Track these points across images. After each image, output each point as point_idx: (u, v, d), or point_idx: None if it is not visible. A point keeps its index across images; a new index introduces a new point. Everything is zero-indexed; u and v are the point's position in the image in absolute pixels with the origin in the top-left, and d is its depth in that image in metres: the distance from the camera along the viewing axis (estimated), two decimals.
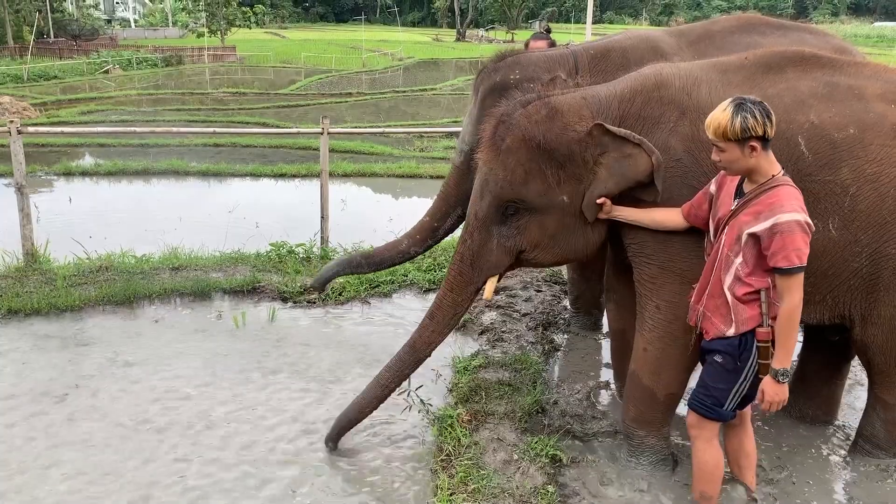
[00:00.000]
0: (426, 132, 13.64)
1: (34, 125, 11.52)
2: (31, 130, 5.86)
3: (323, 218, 5.80)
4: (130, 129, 7.71)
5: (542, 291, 5.05)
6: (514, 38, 51.61)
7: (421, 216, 3.83)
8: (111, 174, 9.21)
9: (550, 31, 4.51)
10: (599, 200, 2.68)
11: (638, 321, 2.90)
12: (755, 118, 2.22)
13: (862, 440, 3.13)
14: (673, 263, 2.72)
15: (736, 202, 2.40)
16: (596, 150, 2.66)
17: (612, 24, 69.13)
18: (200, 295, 4.81)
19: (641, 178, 2.63)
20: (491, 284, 2.93)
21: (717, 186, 2.52)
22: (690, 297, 2.63)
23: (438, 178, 9.29)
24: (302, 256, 5.56)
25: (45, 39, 38.00)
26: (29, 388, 3.62)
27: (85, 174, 9.31)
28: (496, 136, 2.73)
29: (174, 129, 9.71)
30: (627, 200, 2.71)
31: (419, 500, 2.87)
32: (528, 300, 4.89)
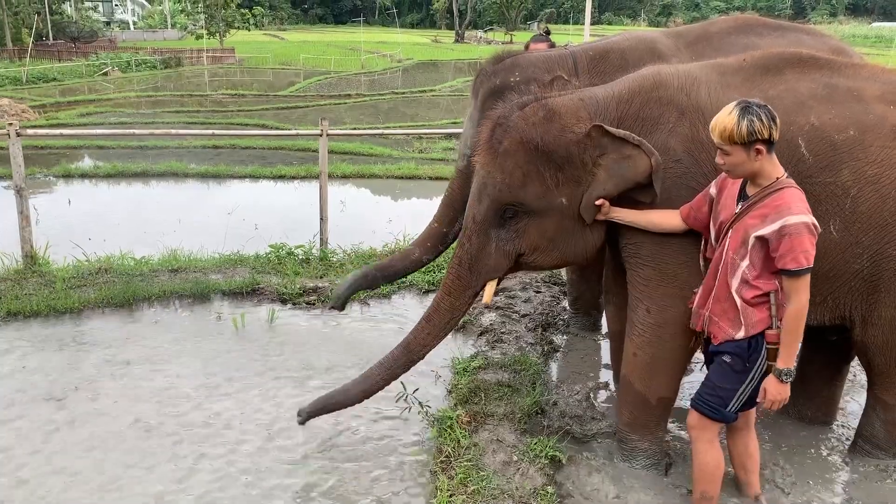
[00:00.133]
0: (425, 133, 13.67)
1: (33, 127, 11.50)
2: (30, 133, 5.86)
3: (322, 219, 5.80)
4: (129, 131, 7.73)
5: (541, 293, 5.06)
6: (512, 39, 51.63)
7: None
8: (110, 176, 9.21)
9: (549, 32, 4.51)
10: (598, 202, 2.67)
11: (628, 325, 2.90)
12: (761, 121, 2.22)
13: (861, 440, 3.14)
14: (668, 266, 2.71)
15: (740, 205, 2.40)
16: (594, 151, 2.65)
17: (610, 25, 69.19)
18: (200, 297, 4.81)
19: (640, 179, 2.62)
20: (490, 288, 2.92)
21: (717, 189, 2.52)
22: (693, 302, 2.63)
23: (437, 179, 9.33)
24: (301, 258, 5.56)
25: (43, 41, 38.01)
26: (28, 390, 3.62)
27: (84, 176, 9.30)
28: (493, 138, 2.72)
29: (173, 130, 9.72)
30: (625, 202, 2.70)
31: (419, 501, 2.87)
32: (527, 301, 4.89)
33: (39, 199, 7.79)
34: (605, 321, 4.16)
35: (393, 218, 6.92)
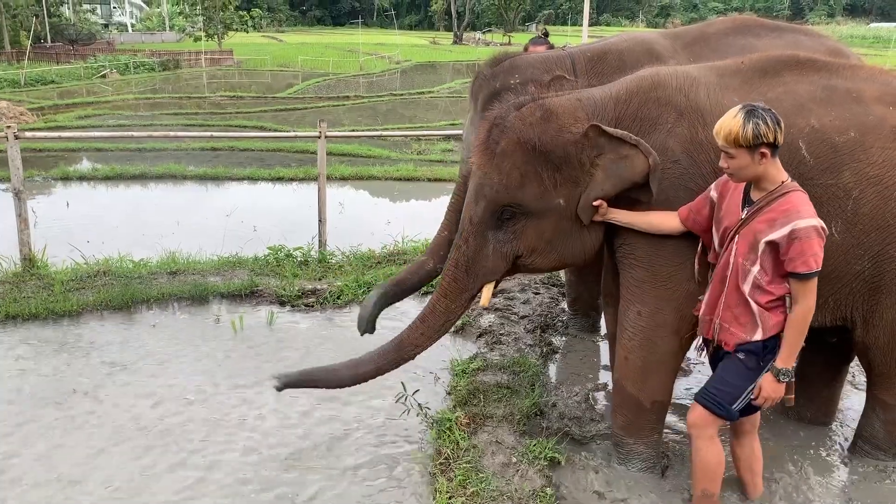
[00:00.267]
0: (424, 135, 13.67)
1: (31, 130, 11.52)
2: (28, 135, 5.87)
3: (321, 221, 5.80)
4: (128, 133, 7.74)
5: (539, 294, 5.06)
6: (510, 40, 51.68)
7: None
8: (108, 179, 9.21)
9: (548, 34, 4.50)
10: (596, 203, 2.66)
11: (619, 328, 2.88)
12: (767, 125, 2.22)
13: (861, 441, 3.14)
14: (662, 268, 2.70)
15: (745, 211, 2.39)
16: (592, 151, 2.63)
17: (608, 26, 69.36)
18: (198, 299, 4.80)
19: (638, 179, 2.61)
20: (488, 291, 2.88)
21: (718, 194, 2.50)
22: (699, 310, 2.62)
23: (436, 180, 9.34)
24: (300, 260, 5.56)
25: (42, 44, 38.03)
26: (27, 393, 3.61)
27: (82, 179, 9.29)
28: (490, 139, 2.70)
29: (171, 133, 9.72)
30: (623, 203, 2.69)
31: (418, 503, 2.86)
32: (525, 303, 4.89)
33: (38, 201, 7.78)
34: (603, 322, 4.16)
35: (391, 219, 6.91)
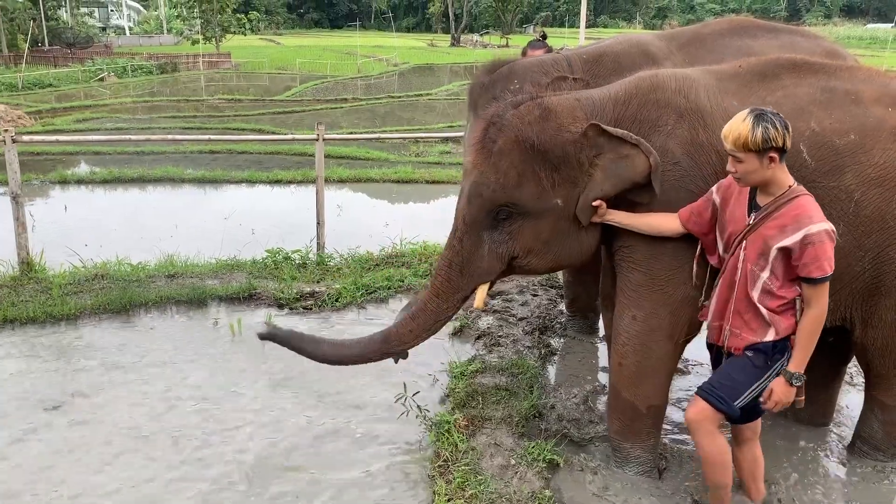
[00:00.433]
0: (422, 137, 13.69)
1: (29, 134, 11.51)
2: (25, 139, 5.86)
3: (319, 224, 5.80)
4: (126, 136, 7.74)
5: (538, 295, 5.06)
6: (508, 42, 51.76)
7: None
8: (106, 182, 9.19)
9: (546, 36, 4.51)
10: (595, 203, 2.64)
11: (613, 333, 2.87)
12: (776, 129, 2.21)
13: (860, 442, 3.14)
14: (659, 271, 2.68)
15: (752, 216, 2.38)
16: (591, 151, 2.61)
17: (605, 28, 69.42)
18: (196, 302, 4.79)
19: (639, 179, 2.59)
20: (482, 292, 2.82)
21: (721, 198, 2.49)
22: (704, 315, 2.61)
23: (434, 182, 9.34)
24: (298, 263, 5.55)
25: (39, 48, 38.01)
26: (25, 397, 3.61)
27: (80, 182, 9.28)
28: (487, 137, 2.66)
29: (170, 136, 9.71)
30: (622, 204, 2.68)
31: None
32: (524, 304, 4.89)
33: (35, 205, 7.78)
34: (601, 324, 4.17)
35: (390, 222, 6.91)
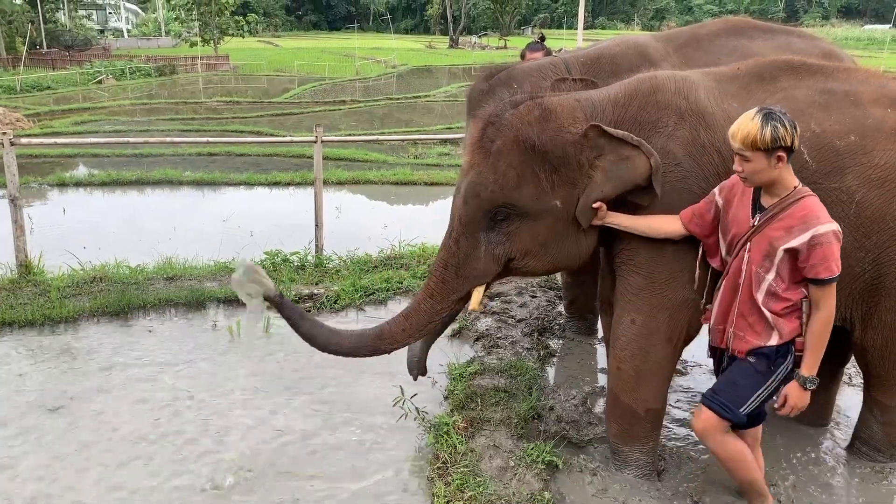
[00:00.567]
0: (420, 139, 13.67)
1: (27, 136, 11.51)
2: (23, 142, 5.85)
3: (317, 226, 5.80)
4: (124, 139, 7.71)
5: (536, 297, 5.06)
6: (506, 44, 51.82)
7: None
8: (105, 184, 9.18)
9: (545, 38, 4.52)
10: (595, 205, 2.62)
11: (611, 337, 2.86)
12: (785, 128, 2.21)
13: (859, 443, 3.14)
14: (660, 274, 2.67)
15: (757, 218, 2.38)
16: (591, 152, 2.59)
17: (603, 29, 69.45)
18: (195, 305, 4.79)
19: (639, 181, 2.57)
20: (478, 294, 2.78)
21: (724, 200, 2.48)
22: (708, 318, 2.60)
23: (433, 184, 9.34)
24: (297, 265, 5.55)
25: (38, 50, 37.93)
26: (24, 400, 3.60)
27: (79, 185, 9.27)
28: (485, 137, 2.63)
29: (168, 138, 9.71)
30: (621, 206, 2.67)
31: None
32: (522, 306, 4.89)
33: (34, 208, 7.77)
34: (600, 325, 4.17)
35: (388, 224, 6.90)
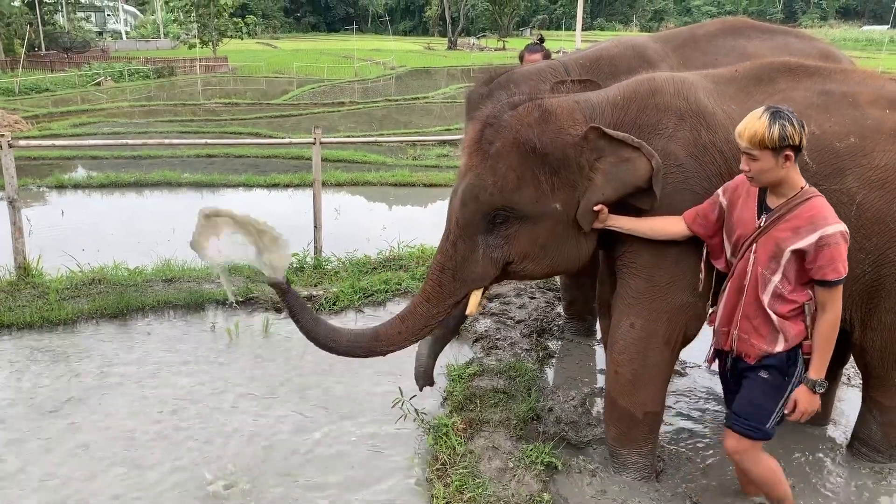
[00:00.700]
0: (419, 140, 13.65)
1: (25, 138, 11.48)
2: (22, 144, 5.85)
3: (316, 227, 5.80)
4: (123, 141, 7.69)
5: (535, 298, 5.06)
6: (505, 45, 51.86)
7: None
8: (103, 186, 9.18)
9: (543, 40, 4.52)
10: (596, 208, 2.60)
11: (610, 341, 2.86)
12: (793, 126, 2.19)
13: (858, 443, 3.15)
14: (661, 278, 2.66)
15: (763, 219, 2.36)
16: (592, 154, 2.57)
17: (602, 30, 69.54)
18: (194, 306, 4.79)
19: (640, 183, 2.55)
20: (475, 298, 2.75)
21: (728, 201, 2.47)
22: (713, 321, 2.58)
23: (432, 186, 9.34)
24: (295, 266, 5.55)
25: (36, 52, 37.92)
26: (22, 402, 3.60)
27: (77, 187, 9.26)
28: (483, 139, 2.60)
29: (167, 140, 9.69)
30: (621, 208, 2.65)
31: None
32: (521, 307, 4.89)
33: (32, 210, 7.76)
34: (599, 327, 4.17)
35: (387, 225, 6.90)
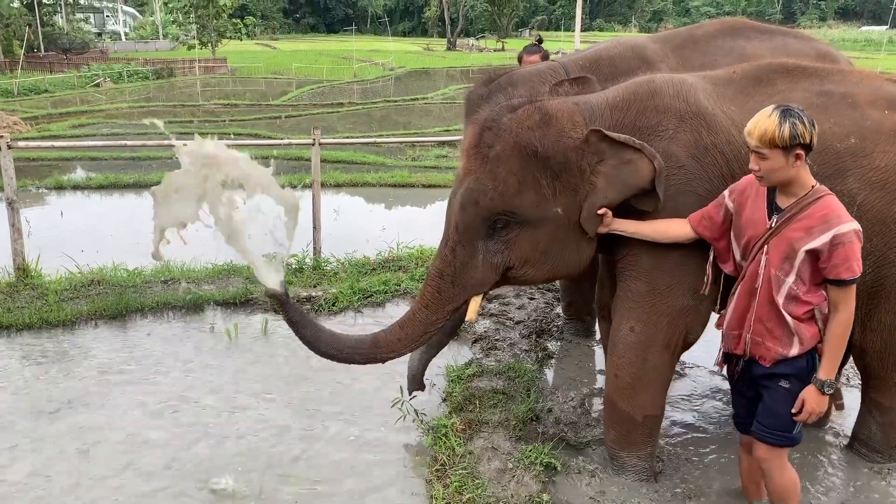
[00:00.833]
0: (418, 141, 13.65)
1: (24, 139, 11.47)
2: (20, 145, 5.85)
3: (315, 228, 5.79)
4: (122, 142, 7.70)
5: (535, 299, 5.06)
6: (504, 46, 51.89)
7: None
8: (102, 187, 9.17)
9: (542, 41, 4.52)
10: (600, 212, 2.58)
11: (609, 344, 2.85)
12: (803, 124, 2.16)
13: (857, 443, 3.15)
14: (662, 282, 2.65)
15: (774, 219, 2.33)
16: (593, 158, 2.55)
17: (601, 31, 69.55)
18: (193, 308, 4.79)
19: (643, 184, 2.53)
20: (475, 304, 2.73)
21: (735, 203, 2.44)
22: (721, 324, 2.56)
23: (431, 187, 9.34)
24: (295, 267, 5.55)
25: (35, 53, 37.89)
26: (21, 404, 3.60)
27: (76, 188, 9.26)
28: (482, 143, 2.58)
29: (166, 141, 9.67)
30: (625, 212, 2.62)
31: None
32: (521, 308, 4.89)
33: (31, 211, 7.76)
34: (598, 327, 4.16)
35: (386, 226, 6.90)
